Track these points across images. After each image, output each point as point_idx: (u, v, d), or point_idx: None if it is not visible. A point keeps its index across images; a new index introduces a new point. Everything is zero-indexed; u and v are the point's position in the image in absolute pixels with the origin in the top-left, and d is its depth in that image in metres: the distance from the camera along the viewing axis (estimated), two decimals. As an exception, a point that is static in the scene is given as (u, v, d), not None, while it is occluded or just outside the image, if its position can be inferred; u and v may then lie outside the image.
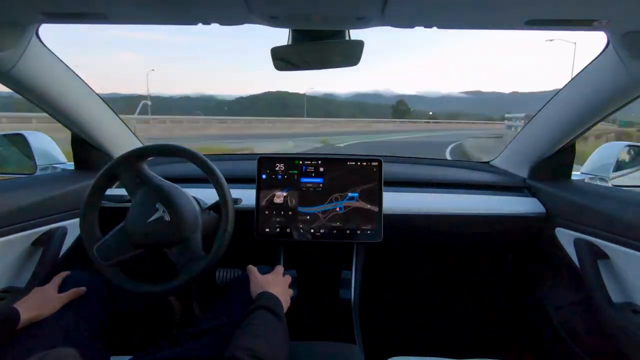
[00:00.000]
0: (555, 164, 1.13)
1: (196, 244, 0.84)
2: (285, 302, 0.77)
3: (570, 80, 0.94)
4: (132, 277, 0.84)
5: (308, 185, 1.06)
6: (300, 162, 1.07)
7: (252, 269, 0.84)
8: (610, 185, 1.19)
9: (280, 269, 0.88)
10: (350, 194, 1.05)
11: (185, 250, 0.83)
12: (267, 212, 1.05)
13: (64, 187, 1.03)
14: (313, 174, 1.06)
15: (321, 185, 1.06)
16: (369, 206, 1.04)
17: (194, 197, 0.92)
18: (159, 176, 0.90)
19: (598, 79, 0.85)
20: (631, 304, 0.83)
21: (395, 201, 1.10)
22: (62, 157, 1.32)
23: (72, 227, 1.01)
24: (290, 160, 1.07)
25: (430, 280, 1.44)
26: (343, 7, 0.60)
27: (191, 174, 1.13)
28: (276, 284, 0.80)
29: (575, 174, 1.17)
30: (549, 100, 1.05)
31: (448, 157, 10.18)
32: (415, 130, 32.82)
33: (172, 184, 0.89)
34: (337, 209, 1.05)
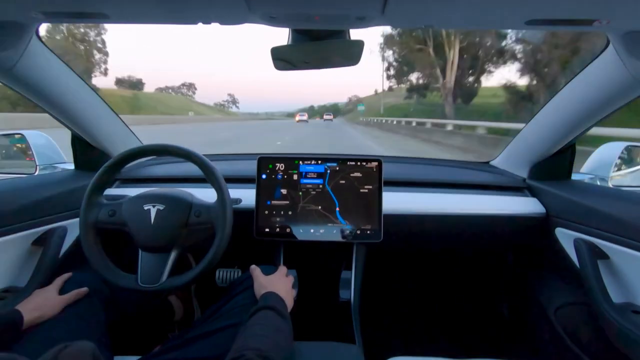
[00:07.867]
0: (555, 164, 1.12)
1: (205, 202, 0.88)
2: (289, 303, 0.77)
3: (570, 80, 0.94)
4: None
5: (308, 185, 1.06)
6: (300, 162, 1.07)
7: (256, 269, 0.84)
8: (610, 186, 1.19)
9: (283, 269, 0.88)
10: (350, 194, 1.05)
11: (202, 212, 0.86)
12: (266, 212, 1.05)
13: (64, 187, 1.02)
14: (313, 174, 1.06)
15: (321, 185, 1.06)
16: (368, 206, 1.05)
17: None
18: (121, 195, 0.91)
19: (598, 79, 0.85)
20: (631, 304, 0.83)
21: (395, 201, 1.10)
22: (62, 157, 1.32)
23: (72, 226, 1.01)
24: (290, 160, 1.07)
25: (430, 280, 1.44)
26: (343, 7, 0.60)
27: (191, 174, 1.13)
28: (280, 284, 0.80)
29: (575, 174, 1.17)
30: (549, 100, 1.05)
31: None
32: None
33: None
34: (337, 208, 1.05)
